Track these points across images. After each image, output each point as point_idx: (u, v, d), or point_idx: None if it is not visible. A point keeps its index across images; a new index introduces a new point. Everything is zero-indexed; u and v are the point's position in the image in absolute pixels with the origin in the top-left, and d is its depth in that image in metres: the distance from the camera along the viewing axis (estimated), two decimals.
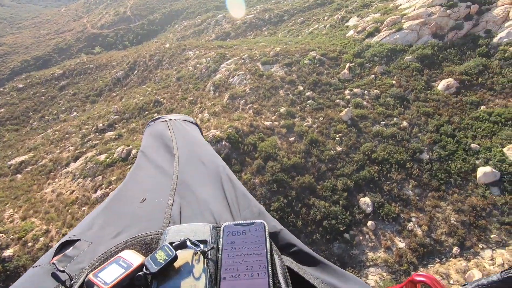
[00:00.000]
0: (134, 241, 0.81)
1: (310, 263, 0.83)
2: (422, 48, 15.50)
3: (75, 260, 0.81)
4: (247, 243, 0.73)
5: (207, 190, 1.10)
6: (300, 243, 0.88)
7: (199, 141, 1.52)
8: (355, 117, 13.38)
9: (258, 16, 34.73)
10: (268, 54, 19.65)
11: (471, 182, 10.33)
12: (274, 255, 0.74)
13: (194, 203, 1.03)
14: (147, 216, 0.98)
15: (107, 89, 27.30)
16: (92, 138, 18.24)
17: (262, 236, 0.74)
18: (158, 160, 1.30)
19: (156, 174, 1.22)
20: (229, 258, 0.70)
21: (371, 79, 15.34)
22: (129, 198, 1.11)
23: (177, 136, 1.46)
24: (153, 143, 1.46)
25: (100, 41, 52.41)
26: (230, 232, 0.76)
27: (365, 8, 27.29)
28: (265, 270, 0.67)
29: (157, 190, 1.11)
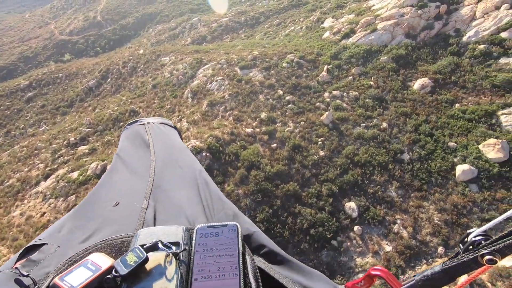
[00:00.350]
0: (104, 244, 0.79)
1: (280, 262, 0.88)
2: (397, 49, 15.77)
3: (41, 264, 0.79)
4: (220, 244, 0.74)
5: (183, 194, 1.10)
6: (271, 244, 0.92)
7: (177, 145, 1.51)
8: (336, 120, 13.35)
9: (234, 19, 34.40)
10: (245, 58, 19.36)
11: (451, 180, 10.52)
12: (246, 256, 0.76)
13: (169, 207, 1.02)
14: (119, 220, 0.96)
15: (78, 99, 25.96)
16: (63, 153, 17.17)
17: (234, 237, 0.76)
18: (134, 164, 1.30)
19: (132, 178, 1.21)
20: (201, 260, 0.70)
21: (349, 80, 15.42)
22: (102, 202, 1.09)
23: (154, 139, 1.43)
24: (129, 146, 1.45)
25: (69, 48, 50.07)
26: (203, 233, 0.77)
27: (339, 8, 27.66)
28: (236, 271, 0.68)
29: (131, 194, 1.10)
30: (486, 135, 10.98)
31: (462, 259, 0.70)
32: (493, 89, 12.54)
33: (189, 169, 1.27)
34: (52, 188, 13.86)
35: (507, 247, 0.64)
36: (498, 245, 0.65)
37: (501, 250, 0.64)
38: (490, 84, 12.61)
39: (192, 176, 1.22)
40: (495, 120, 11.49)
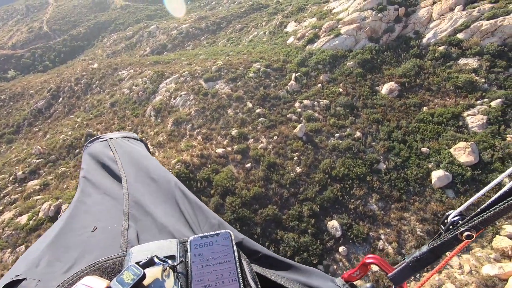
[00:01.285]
0: (94, 267, 0.76)
1: (276, 265, 0.89)
2: (362, 53, 15.75)
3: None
4: (215, 253, 0.74)
5: (162, 208, 1.07)
6: (263, 249, 0.93)
7: (145, 158, 1.44)
8: (309, 132, 12.91)
9: (195, 25, 33.12)
10: (210, 69, 18.40)
11: (428, 187, 10.48)
12: (242, 261, 0.76)
13: (150, 225, 0.99)
14: (100, 245, 0.93)
15: (26, 123, 23.28)
16: (10, 191, 15.05)
17: (229, 244, 0.76)
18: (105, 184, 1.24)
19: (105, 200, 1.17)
20: (198, 270, 0.70)
21: (319, 88, 15.11)
22: (78, 229, 1.03)
23: (120, 155, 1.38)
24: (95, 166, 1.37)
25: (13, 63, 45.52)
26: (197, 244, 0.76)
27: (301, 11, 27.60)
28: (235, 276, 0.68)
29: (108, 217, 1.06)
30: (456, 138, 11.11)
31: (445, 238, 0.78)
32: (456, 90, 12.82)
33: (164, 182, 1.22)
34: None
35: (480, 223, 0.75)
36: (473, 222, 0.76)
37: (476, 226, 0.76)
38: (453, 85, 12.89)
39: (167, 189, 1.17)
40: (462, 122, 11.70)
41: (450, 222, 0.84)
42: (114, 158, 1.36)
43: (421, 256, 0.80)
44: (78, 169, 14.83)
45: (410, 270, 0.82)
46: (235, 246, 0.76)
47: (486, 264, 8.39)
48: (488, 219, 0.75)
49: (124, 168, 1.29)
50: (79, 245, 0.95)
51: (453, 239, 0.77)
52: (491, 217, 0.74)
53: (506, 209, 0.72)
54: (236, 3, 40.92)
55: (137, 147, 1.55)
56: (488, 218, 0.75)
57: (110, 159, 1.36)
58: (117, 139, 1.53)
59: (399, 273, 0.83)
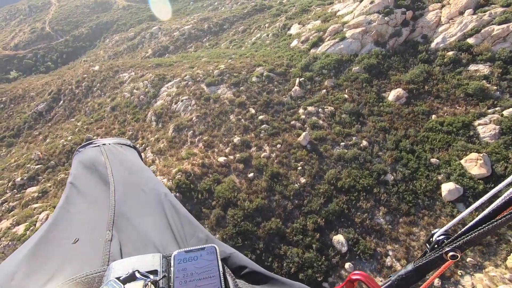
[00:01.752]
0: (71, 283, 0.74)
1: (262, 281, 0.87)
2: (368, 58, 15.33)
3: None
4: (199, 267, 0.73)
5: (149, 220, 1.05)
6: (251, 263, 0.91)
7: (138, 167, 1.42)
8: (313, 140, 12.53)
9: (197, 27, 32.77)
10: (212, 74, 18.05)
11: (437, 200, 10.07)
12: (227, 276, 0.74)
13: (135, 237, 0.97)
14: (81, 257, 0.89)
15: (26, 126, 23.07)
16: (8, 198, 14.81)
17: (213, 259, 0.74)
18: (92, 192, 1.21)
19: (90, 209, 1.13)
20: (181, 285, 0.69)
21: (323, 94, 14.71)
22: (59, 239, 0.99)
23: (112, 162, 1.35)
24: (84, 172, 1.34)
25: (16, 64, 45.45)
26: (181, 259, 0.75)
27: (304, 13, 27.17)
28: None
29: (92, 227, 1.02)
30: (467, 149, 10.68)
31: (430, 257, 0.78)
32: (467, 98, 12.38)
33: (153, 193, 1.19)
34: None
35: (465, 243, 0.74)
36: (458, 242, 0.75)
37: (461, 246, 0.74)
38: (463, 92, 12.45)
39: (157, 200, 1.15)
40: (473, 132, 11.26)
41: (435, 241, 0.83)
42: (105, 164, 1.33)
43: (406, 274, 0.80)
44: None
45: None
46: (220, 261, 0.75)
47: (501, 285, 7.99)
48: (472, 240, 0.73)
49: (114, 175, 1.26)
50: (58, 256, 0.91)
51: (438, 258, 0.76)
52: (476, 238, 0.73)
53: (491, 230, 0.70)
54: (239, 4, 40.54)
55: (129, 154, 1.53)
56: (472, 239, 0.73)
57: (101, 165, 1.33)
58: (109, 145, 1.50)
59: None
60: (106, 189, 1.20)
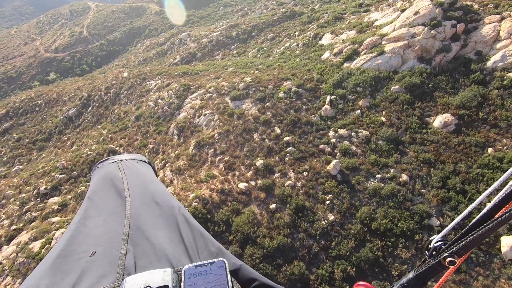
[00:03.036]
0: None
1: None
2: (410, 76, 13.71)
3: None
4: (209, 282, 0.74)
5: (163, 234, 1.08)
6: (260, 277, 0.92)
7: (152, 181, 1.48)
8: (345, 170, 11.24)
9: (225, 33, 32.35)
10: (237, 86, 17.27)
11: (496, 257, 8.40)
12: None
13: (149, 250, 1.01)
14: (98, 270, 0.94)
15: (57, 131, 23.76)
16: (31, 207, 14.95)
17: (223, 273, 0.76)
18: (108, 206, 1.26)
19: (106, 222, 1.17)
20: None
21: (357, 116, 13.33)
22: (77, 253, 1.04)
23: (128, 177, 1.40)
24: (102, 187, 1.40)
25: (55, 66, 47.99)
26: (191, 273, 0.77)
27: (337, 21, 25.72)
28: None
29: (108, 241, 1.07)
30: None
31: (429, 264, 0.77)
32: None
33: (167, 207, 1.23)
34: (12, 261, 11.64)
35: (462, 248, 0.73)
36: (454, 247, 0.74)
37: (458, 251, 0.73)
38: None
39: (170, 214, 1.19)
40: None
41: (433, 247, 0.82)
42: (122, 179, 1.38)
43: (407, 283, 0.78)
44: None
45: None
46: (229, 276, 0.76)
47: None
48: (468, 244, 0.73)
49: (130, 190, 1.31)
50: (77, 270, 0.94)
51: (437, 265, 0.75)
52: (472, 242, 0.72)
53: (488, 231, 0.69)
54: (269, 10, 39.73)
55: (145, 170, 1.58)
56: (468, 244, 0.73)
57: (118, 180, 1.38)
58: (126, 161, 1.55)
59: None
60: (122, 203, 1.24)
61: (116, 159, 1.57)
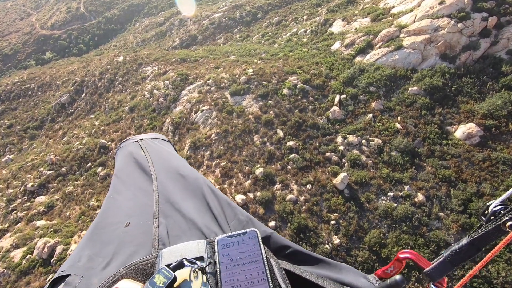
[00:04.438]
0: (128, 269, 0.79)
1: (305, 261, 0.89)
2: (430, 76, 12.24)
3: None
4: (243, 252, 0.75)
5: (191, 205, 1.11)
6: (292, 244, 0.93)
7: (174, 156, 1.54)
8: (353, 184, 10.13)
9: (228, 15, 30.23)
10: (238, 80, 15.85)
11: None
12: (270, 259, 0.76)
13: (180, 221, 1.03)
14: (134, 241, 0.97)
15: (49, 118, 22.66)
16: (17, 206, 14.17)
17: (256, 243, 0.76)
18: (135, 182, 1.29)
19: (136, 196, 1.22)
20: (227, 270, 0.71)
21: (369, 120, 12.03)
22: (112, 224, 1.08)
23: (151, 154, 1.45)
24: (127, 164, 1.44)
25: (51, 44, 46.07)
26: (225, 244, 0.78)
27: (350, 5, 23.62)
28: (264, 276, 0.69)
29: (139, 213, 1.11)
30: None
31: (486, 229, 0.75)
32: None
33: (192, 179, 1.25)
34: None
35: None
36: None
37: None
38: None
39: (196, 186, 1.21)
40: None
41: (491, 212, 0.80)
42: (145, 157, 1.41)
43: (460, 249, 0.76)
44: (85, 190, 13.48)
45: (449, 265, 0.78)
46: (262, 245, 0.76)
47: None
48: None
49: (154, 166, 1.33)
50: (114, 241, 0.98)
51: (495, 230, 0.74)
52: None
53: None
54: None
55: (166, 147, 1.63)
56: None
57: (142, 158, 1.41)
58: (147, 140, 1.61)
59: (436, 268, 0.78)
60: (148, 179, 1.26)
61: (137, 139, 1.61)
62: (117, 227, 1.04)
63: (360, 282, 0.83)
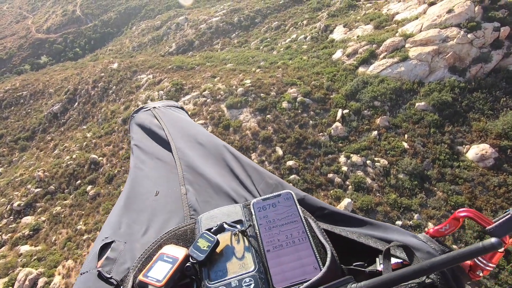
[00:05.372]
0: (169, 235, 0.81)
1: (344, 221, 0.85)
2: (439, 90, 11.50)
3: (118, 262, 0.84)
4: (280, 214, 0.75)
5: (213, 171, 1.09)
6: (328, 206, 0.93)
7: (190, 123, 1.51)
8: (358, 211, 9.39)
9: (226, 19, 29.46)
10: (235, 91, 15.11)
11: None
12: (308, 219, 0.76)
13: (206, 187, 1.04)
14: (166, 208, 1.01)
15: (41, 129, 21.92)
16: (3, 227, 13.45)
17: (292, 204, 0.76)
18: (155, 151, 1.29)
19: (158, 165, 1.21)
20: (267, 232, 0.71)
21: (374, 138, 11.30)
22: (143, 193, 1.11)
23: (166, 122, 1.42)
24: (143, 134, 1.42)
25: (47, 48, 45.29)
26: (261, 207, 0.78)
27: (351, 9, 22.88)
28: (304, 235, 0.68)
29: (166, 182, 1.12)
30: None
31: None
32: None
33: (212, 147, 1.24)
34: None
35: None
36: None
37: None
38: None
39: (216, 152, 1.19)
40: None
41: None
42: (160, 125, 1.38)
43: None
44: (73, 211, 12.76)
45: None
46: (298, 206, 0.75)
47: None
48: None
49: (171, 133, 1.32)
50: (148, 209, 1.02)
51: None
52: None
53: None
54: None
55: (180, 114, 1.57)
56: None
57: (157, 126, 1.38)
58: (160, 108, 1.55)
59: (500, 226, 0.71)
60: (167, 147, 1.26)
61: (149, 107, 1.55)
62: (147, 196, 1.07)
63: (409, 241, 0.77)
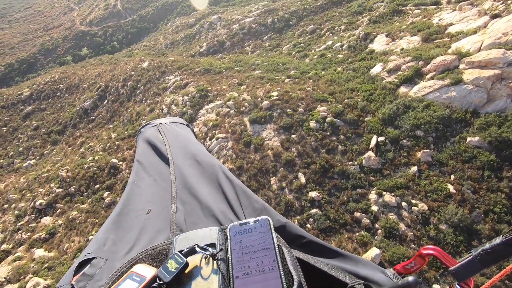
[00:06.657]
0: (144, 254, 0.81)
1: (320, 252, 0.87)
2: (498, 125, 9.70)
3: (94, 278, 0.83)
4: (254, 240, 0.74)
5: (207, 192, 1.11)
6: (308, 234, 0.93)
7: (191, 141, 1.54)
8: (387, 264, 8.10)
9: (259, 20, 28.44)
10: (260, 104, 14.17)
11: None
12: (282, 248, 0.75)
13: (197, 208, 1.05)
14: (154, 227, 1.00)
15: (72, 124, 22.62)
16: (24, 225, 13.81)
17: (267, 231, 0.76)
18: (155, 167, 1.31)
19: (156, 182, 1.23)
20: (238, 257, 0.71)
21: (413, 175, 9.81)
22: (135, 210, 1.11)
23: (169, 138, 1.47)
24: (146, 149, 1.47)
25: (88, 40, 47.38)
26: (237, 231, 0.77)
27: (396, 15, 20.81)
28: (275, 264, 0.68)
29: (159, 199, 1.13)
30: None
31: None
32: None
33: (208, 166, 1.25)
34: None
35: None
36: None
37: None
38: None
39: (212, 172, 1.20)
40: None
41: None
42: (163, 141, 1.43)
43: (492, 249, 0.71)
44: (88, 218, 12.70)
45: (478, 265, 0.73)
46: (274, 233, 0.75)
47: None
48: None
49: (172, 151, 1.35)
50: (137, 227, 1.01)
51: None
52: None
53: None
54: None
55: (184, 132, 1.63)
56: None
57: (160, 142, 1.43)
58: (165, 124, 1.60)
59: (463, 267, 0.74)
60: (167, 162, 1.27)
61: (156, 123, 1.60)
62: (139, 213, 1.06)
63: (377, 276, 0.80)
